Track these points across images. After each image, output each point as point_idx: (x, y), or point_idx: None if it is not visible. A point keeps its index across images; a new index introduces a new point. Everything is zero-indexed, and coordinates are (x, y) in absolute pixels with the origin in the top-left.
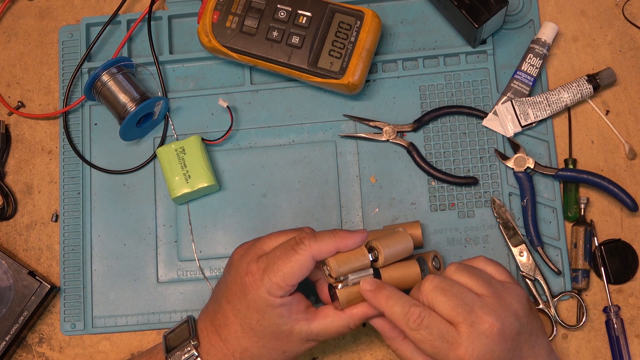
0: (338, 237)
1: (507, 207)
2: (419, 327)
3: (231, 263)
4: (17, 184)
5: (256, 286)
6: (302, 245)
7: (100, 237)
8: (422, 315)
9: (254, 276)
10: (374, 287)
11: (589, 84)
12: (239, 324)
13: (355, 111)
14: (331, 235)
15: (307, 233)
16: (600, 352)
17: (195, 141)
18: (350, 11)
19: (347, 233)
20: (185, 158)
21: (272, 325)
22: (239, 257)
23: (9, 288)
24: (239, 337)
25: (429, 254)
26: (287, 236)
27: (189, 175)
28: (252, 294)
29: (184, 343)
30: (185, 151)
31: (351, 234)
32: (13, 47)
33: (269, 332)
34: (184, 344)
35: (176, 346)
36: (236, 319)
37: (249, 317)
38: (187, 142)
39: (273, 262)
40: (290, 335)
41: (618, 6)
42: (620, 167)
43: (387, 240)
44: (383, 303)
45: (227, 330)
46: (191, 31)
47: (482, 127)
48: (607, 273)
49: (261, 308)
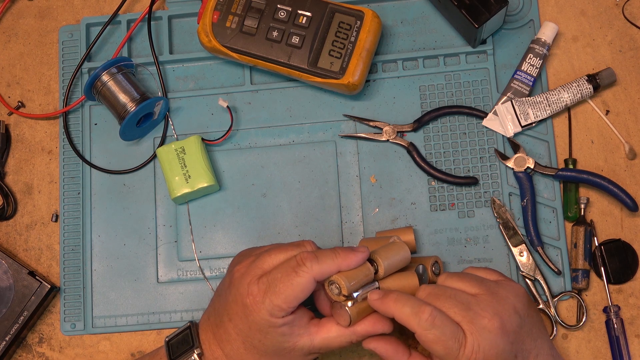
0: (340, 257)
1: (507, 207)
2: (431, 326)
3: (231, 281)
4: (17, 184)
5: (257, 308)
6: (304, 267)
7: (100, 237)
8: (433, 314)
9: (255, 298)
10: (381, 296)
11: (589, 84)
12: (241, 342)
13: (355, 111)
14: (333, 256)
15: (309, 253)
16: (600, 352)
17: (195, 141)
18: (350, 11)
19: (348, 253)
20: (185, 158)
21: (274, 344)
22: (240, 277)
23: (9, 288)
24: (241, 354)
25: (428, 260)
26: (288, 253)
27: (189, 175)
28: (253, 315)
29: (188, 351)
30: (185, 151)
31: (353, 253)
32: (13, 47)
33: (272, 350)
34: (187, 353)
35: (180, 354)
36: (238, 337)
37: (251, 336)
38: (187, 142)
39: (274, 284)
40: (293, 351)
41: (618, 6)
42: (620, 167)
43: (386, 252)
44: (392, 307)
45: (229, 345)
46: (191, 31)
47: (482, 127)
48: (607, 273)
49: (263, 328)
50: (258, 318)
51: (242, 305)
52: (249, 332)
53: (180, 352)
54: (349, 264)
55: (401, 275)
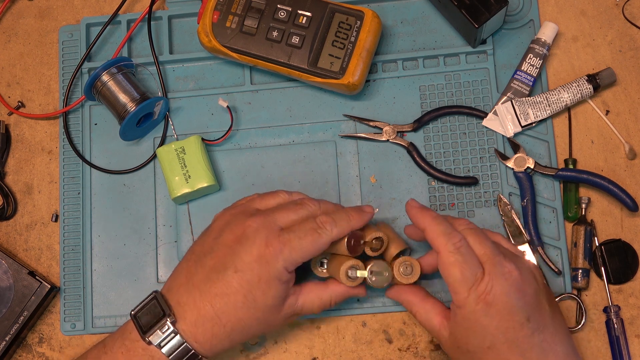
0: (353, 220)
1: None
2: (456, 250)
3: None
4: (17, 184)
5: (275, 259)
6: (325, 230)
7: (100, 237)
8: (462, 241)
9: (275, 248)
10: (420, 206)
11: (589, 84)
12: (242, 295)
13: (355, 111)
14: (347, 219)
15: (328, 217)
16: (600, 352)
17: (195, 141)
18: (350, 11)
19: (358, 213)
20: (185, 158)
21: (274, 297)
22: (255, 230)
23: (9, 288)
24: (237, 309)
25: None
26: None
27: (189, 175)
28: (269, 265)
29: (160, 320)
30: (185, 151)
31: (364, 213)
32: (13, 47)
33: (268, 305)
34: (160, 322)
35: (152, 325)
36: (240, 289)
37: (256, 287)
38: (187, 142)
39: (296, 240)
40: (281, 308)
41: (618, 6)
42: (620, 167)
43: None
44: (429, 221)
45: (225, 300)
46: (191, 31)
47: (482, 127)
48: (607, 273)
49: (271, 280)
50: (272, 268)
51: (258, 256)
52: (257, 283)
53: (152, 323)
54: (359, 225)
55: None
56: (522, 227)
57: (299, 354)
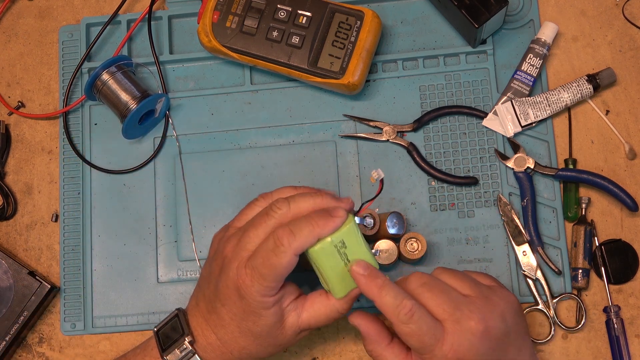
0: (318, 226)
1: None
2: (409, 320)
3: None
4: (17, 184)
5: (249, 291)
6: (282, 248)
7: (100, 237)
8: (413, 309)
9: (244, 281)
10: (367, 273)
11: (589, 84)
12: (235, 326)
13: (355, 111)
14: (310, 227)
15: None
16: (600, 352)
17: (353, 229)
18: (350, 11)
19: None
20: (347, 252)
21: (268, 324)
22: (229, 262)
23: (9, 288)
24: (236, 338)
25: None
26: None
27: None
28: (246, 298)
29: (179, 340)
30: (345, 244)
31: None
32: (13, 47)
33: (266, 332)
34: (179, 341)
35: (171, 343)
36: (232, 321)
37: (246, 319)
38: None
39: (261, 267)
40: (283, 329)
41: (618, 6)
42: (620, 167)
43: None
44: (376, 292)
45: (223, 330)
46: (191, 31)
47: (482, 127)
48: (608, 273)
49: (257, 310)
50: (252, 301)
51: (235, 289)
52: (244, 315)
53: (172, 341)
54: (327, 231)
55: None
56: (522, 227)
57: (299, 354)
